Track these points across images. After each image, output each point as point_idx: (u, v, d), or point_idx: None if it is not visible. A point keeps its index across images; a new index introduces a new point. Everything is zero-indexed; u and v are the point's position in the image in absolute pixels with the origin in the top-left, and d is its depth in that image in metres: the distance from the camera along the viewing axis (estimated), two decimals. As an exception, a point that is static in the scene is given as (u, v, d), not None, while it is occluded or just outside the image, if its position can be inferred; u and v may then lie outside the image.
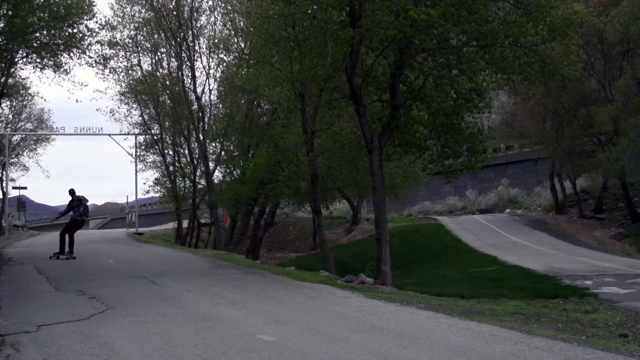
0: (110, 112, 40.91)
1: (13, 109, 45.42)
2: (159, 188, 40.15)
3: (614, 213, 38.23)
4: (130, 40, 36.92)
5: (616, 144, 31.69)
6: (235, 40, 33.40)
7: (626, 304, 14.75)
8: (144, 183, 45.49)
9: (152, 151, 41.16)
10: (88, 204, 20.72)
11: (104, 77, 46.55)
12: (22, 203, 49.91)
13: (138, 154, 40.59)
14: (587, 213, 39.23)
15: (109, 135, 41.72)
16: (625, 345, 8.10)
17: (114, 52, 34.77)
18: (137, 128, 40.35)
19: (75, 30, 22.35)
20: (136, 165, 40.67)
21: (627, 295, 16.42)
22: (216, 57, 35.94)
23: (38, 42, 22.38)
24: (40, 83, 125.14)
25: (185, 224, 40.26)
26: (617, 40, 32.84)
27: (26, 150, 48.71)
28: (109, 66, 31.45)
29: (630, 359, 6.83)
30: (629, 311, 13.43)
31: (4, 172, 45.08)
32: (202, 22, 36.47)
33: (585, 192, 42.49)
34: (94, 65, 24.75)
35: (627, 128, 31.52)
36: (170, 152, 40.13)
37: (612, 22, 31.54)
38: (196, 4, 35.62)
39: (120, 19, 35.50)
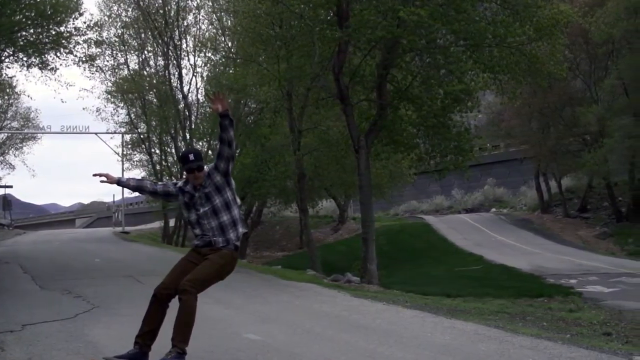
0: (97, 111, 40.82)
1: (-1, 107, 45.25)
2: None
3: (599, 212, 38.45)
4: (117, 39, 36.82)
5: (602, 145, 31.86)
6: (223, 39, 33.36)
7: (610, 302, 14.86)
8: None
9: (138, 150, 41.08)
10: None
11: (91, 76, 46.48)
12: (7, 202, 49.66)
13: (124, 152, 40.47)
14: (572, 212, 39.44)
15: (96, 134, 41.61)
16: (609, 344, 8.17)
17: (101, 50, 34.67)
18: (123, 127, 40.24)
19: (62, 29, 22.30)
20: (123, 164, 40.51)
21: (611, 294, 16.53)
22: (203, 56, 35.91)
23: (25, 40, 22.28)
24: (27, 81, 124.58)
25: (172, 222, 40.17)
26: (602, 40, 33.02)
27: (12, 149, 48.50)
28: (95, 65, 31.38)
29: (614, 357, 6.87)
30: (613, 310, 13.54)
31: (-11, 171, 44.84)
32: (189, 21, 36.44)
33: (570, 191, 42.70)
34: (81, 64, 24.68)
35: (613, 128, 31.70)
36: (157, 151, 40.06)
37: (597, 23, 31.70)
38: (183, 3, 35.55)
39: (107, 18, 35.41)
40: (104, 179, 6.52)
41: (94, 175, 6.55)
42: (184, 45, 36.62)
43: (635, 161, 32.86)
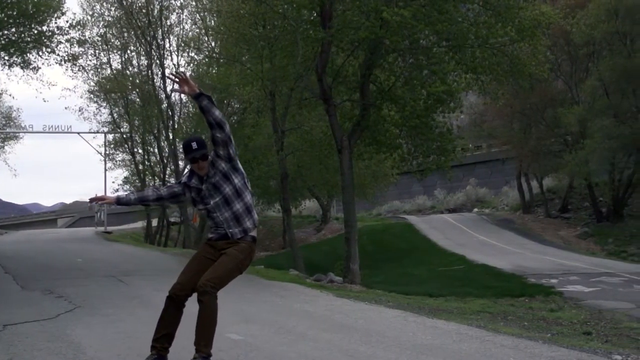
0: (79, 111, 40.78)
1: (-20, 107, 44.85)
2: (128, 187, 39.96)
3: (580, 212, 38.72)
4: (100, 38, 36.70)
5: (583, 147, 32.11)
6: (206, 39, 33.31)
7: (590, 302, 15.02)
8: (113, 182, 45.49)
9: (121, 150, 40.99)
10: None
11: (73, 75, 46.29)
12: (-12, 201, 49.29)
13: (107, 152, 40.35)
14: (553, 212, 39.68)
15: (78, 133, 41.45)
16: (589, 343, 8.27)
17: (83, 49, 34.52)
18: (106, 126, 40.16)
19: (44, 28, 22.14)
20: (105, 163, 40.43)
21: (591, 293, 16.69)
22: (186, 55, 35.87)
23: (6, 39, 22.10)
24: (9, 80, 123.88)
25: (154, 222, 40.06)
26: (583, 42, 33.30)
27: (-7, 148, 48.06)
28: (78, 64, 31.22)
29: (594, 356, 6.93)
30: (593, 309, 13.70)
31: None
32: (172, 21, 36.36)
33: (551, 191, 42.98)
34: (63, 63, 24.52)
35: (593, 129, 31.97)
36: (140, 151, 39.98)
37: (579, 24, 31.98)
38: (166, 2, 35.46)
39: (89, 17, 35.26)
40: (102, 201, 6.14)
41: (91, 201, 6.16)
42: (167, 45, 36.54)
43: (615, 162, 33.17)
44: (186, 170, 6.16)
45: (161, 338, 5.78)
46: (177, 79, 5.71)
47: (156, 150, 38.66)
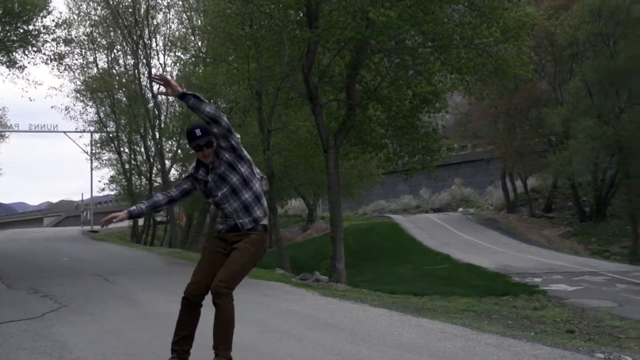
0: (66, 110, 40.68)
1: (-35, 105, 44.62)
2: (114, 186, 39.88)
3: (563, 212, 39.00)
4: (86, 38, 36.58)
5: (566, 147, 32.34)
6: (192, 38, 33.28)
7: (573, 300, 15.18)
8: (99, 181, 45.25)
9: (107, 149, 40.86)
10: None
11: (60, 75, 46.13)
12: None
13: (93, 151, 40.20)
14: (537, 212, 39.95)
15: (64, 132, 41.29)
16: (572, 341, 8.36)
17: (69, 49, 34.39)
18: (92, 125, 40.02)
19: (30, 27, 22.05)
20: (92, 162, 40.26)
21: (575, 292, 16.86)
22: (173, 55, 35.84)
23: (-8, 38, 22.03)
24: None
25: (140, 222, 39.93)
26: (567, 43, 33.52)
27: (-22, 148, 47.82)
28: (64, 63, 31.12)
29: (577, 354, 7.00)
30: (576, 308, 13.86)
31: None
32: (159, 20, 36.31)
33: (535, 191, 43.26)
34: (49, 62, 24.43)
35: (577, 130, 32.21)
36: (126, 150, 39.87)
37: (563, 25, 32.21)
38: (152, 1, 35.39)
39: (76, 16, 35.13)
40: (115, 220, 5.68)
41: (103, 224, 5.80)
42: (153, 44, 36.50)
43: (598, 162, 33.43)
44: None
45: (180, 340, 5.68)
46: (160, 82, 5.64)
47: (142, 149, 38.58)
